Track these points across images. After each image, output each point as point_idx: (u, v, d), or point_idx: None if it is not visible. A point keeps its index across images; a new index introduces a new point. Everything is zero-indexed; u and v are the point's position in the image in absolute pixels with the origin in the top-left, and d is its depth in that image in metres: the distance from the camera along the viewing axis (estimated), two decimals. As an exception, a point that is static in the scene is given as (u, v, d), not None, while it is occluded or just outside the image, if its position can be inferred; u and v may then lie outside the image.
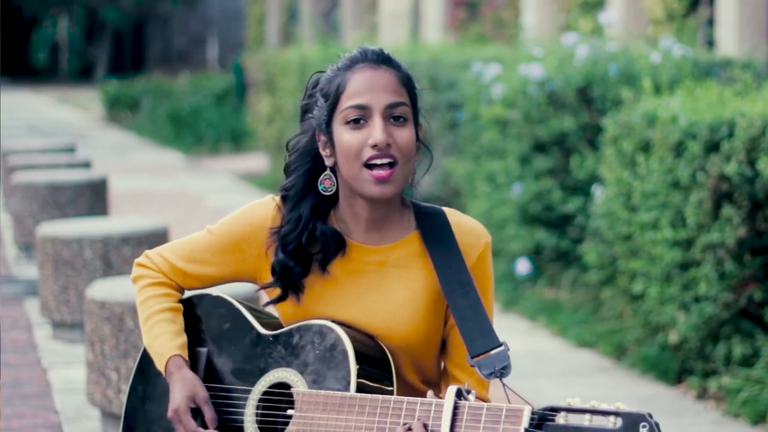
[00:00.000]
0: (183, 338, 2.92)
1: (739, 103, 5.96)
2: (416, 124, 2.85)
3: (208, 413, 2.86)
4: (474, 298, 2.82)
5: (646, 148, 6.27)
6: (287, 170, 2.93)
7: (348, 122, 2.78)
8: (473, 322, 2.80)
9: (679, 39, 8.71)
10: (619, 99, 7.29)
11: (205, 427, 2.85)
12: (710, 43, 10.59)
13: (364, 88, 2.78)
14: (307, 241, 2.86)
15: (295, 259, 2.86)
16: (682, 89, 6.41)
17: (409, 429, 2.62)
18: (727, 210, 5.69)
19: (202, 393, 2.87)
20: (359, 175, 2.78)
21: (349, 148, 2.78)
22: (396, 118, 2.78)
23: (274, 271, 2.88)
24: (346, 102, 2.79)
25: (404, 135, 2.78)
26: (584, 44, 8.16)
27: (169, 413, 2.86)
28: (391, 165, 2.77)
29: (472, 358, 2.76)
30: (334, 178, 2.85)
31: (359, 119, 2.78)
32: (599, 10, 11.47)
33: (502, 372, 2.73)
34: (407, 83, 2.83)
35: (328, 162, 2.85)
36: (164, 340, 2.90)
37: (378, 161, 2.76)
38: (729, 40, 9.89)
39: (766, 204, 5.66)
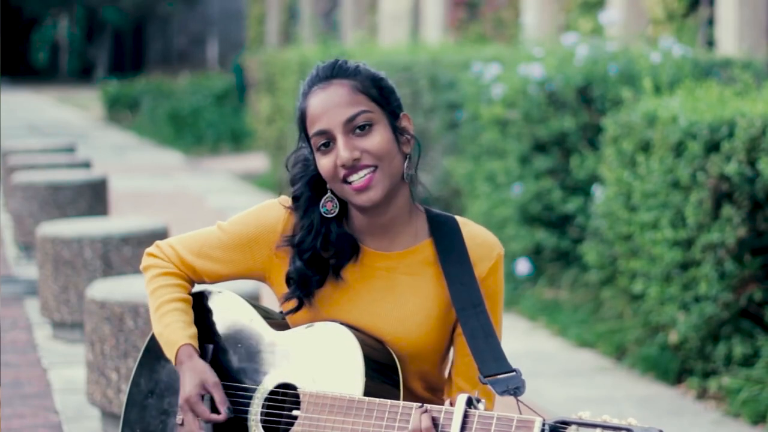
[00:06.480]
0: (194, 329, 2.92)
1: (739, 103, 5.96)
2: (395, 118, 2.84)
3: (218, 395, 2.83)
4: (484, 320, 2.81)
5: (646, 148, 6.27)
6: (293, 182, 2.94)
7: (318, 148, 2.81)
8: (484, 344, 2.79)
9: (679, 39, 8.71)
10: (619, 99, 7.29)
11: (216, 411, 2.83)
12: (710, 43, 10.59)
13: (320, 111, 2.80)
14: (321, 247, 2.86)
15: (312, 268, 2.86)
16: (682, 89, 6.41)
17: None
18: (727, 210, 5.69)
19: (211, 378, 2.85)
20: (343, 191, 2.80)
21: (326, 172, 2.80)
22: (361, 128, 2.79)
23: (289, 280, 2.88)
24: (311, 129, 2.82)
25: (373, 140, 2.78)
26: (584, 44, 8.15)
27: (181, 402, 2.85)
28: (372, 170, 2.77)
29: (485, 377, 2.75)
30: (336, 200, 2.86)
31: (327, 143, 2.80)
32: (599, 10, 11.46)
33: (516, 391, 2.72)
34: (366, 86, 2.82)
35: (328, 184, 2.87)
36: (175, 328, 2.89)
37: (354, 177, 2.77)
38: (729, 40, 9.89)
39: (766, 204, 5.66)
